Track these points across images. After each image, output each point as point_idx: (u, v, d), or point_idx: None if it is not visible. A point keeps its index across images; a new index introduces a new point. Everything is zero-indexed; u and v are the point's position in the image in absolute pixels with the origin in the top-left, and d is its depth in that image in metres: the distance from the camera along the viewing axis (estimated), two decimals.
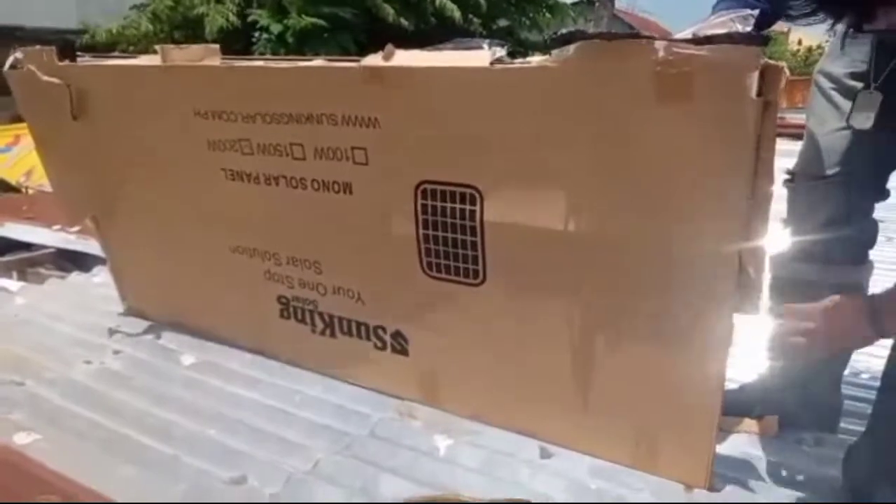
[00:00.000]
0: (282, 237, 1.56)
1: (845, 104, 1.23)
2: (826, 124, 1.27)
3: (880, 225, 1.33)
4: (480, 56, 1.17)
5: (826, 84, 1.28)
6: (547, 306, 1.26)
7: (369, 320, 1.51)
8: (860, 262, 1.33)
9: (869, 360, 1.55)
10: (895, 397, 1.07)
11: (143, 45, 8.06)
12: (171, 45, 1.55)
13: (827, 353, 1.12)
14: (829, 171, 1.25)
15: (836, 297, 1.04)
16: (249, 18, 7.89)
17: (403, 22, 7.78)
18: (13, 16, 9.20)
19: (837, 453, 1.19)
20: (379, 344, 1.52)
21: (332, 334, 1.58)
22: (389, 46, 1.24)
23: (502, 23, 9.55)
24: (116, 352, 1.79)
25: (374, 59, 1.24)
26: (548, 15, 9.77)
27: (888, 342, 1.06)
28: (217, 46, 1.57)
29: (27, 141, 6.44)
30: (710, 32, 1.02)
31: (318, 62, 1.38)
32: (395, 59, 1.23)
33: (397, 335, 1.49)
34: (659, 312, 1.16)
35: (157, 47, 1.53)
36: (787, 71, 0.95)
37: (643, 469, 1.25)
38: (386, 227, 1.37)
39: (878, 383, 1.11)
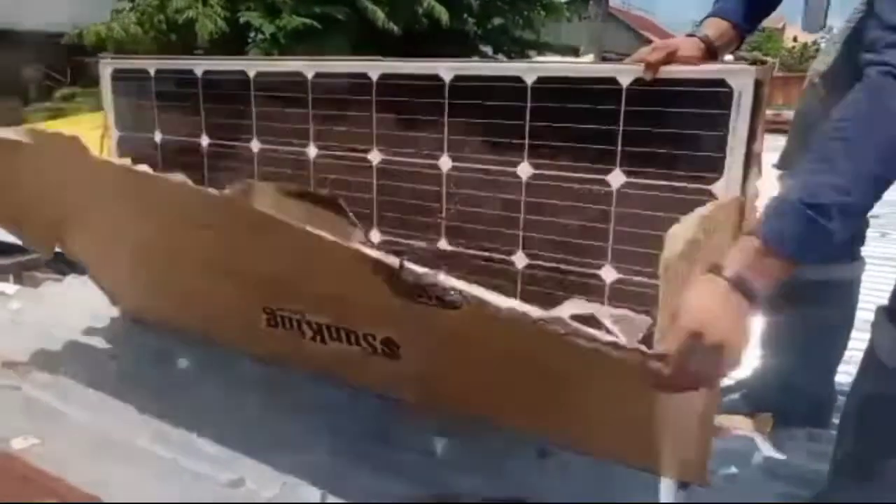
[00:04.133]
0: (257, 263, 1.54)
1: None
2: (806, 122, 1.27)
3: (875, 221, 1.35)
4: None
5: (813, 81, 1.30)
6: None
7: (357, 328, 1.51)
8: (852, 258, 1.34)
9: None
10: (862, 412, 1.08)
11: (130, 46, 8.02)
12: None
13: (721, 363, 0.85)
14: None
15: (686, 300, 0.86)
16: (242, 20, 7.88)
17: (393, 26, 7.76)
18: (6, 18, 9.17)
19: (829, 448, 1.20)
20: (369, 349, 1.52)
21: (322, 340, 1.58)
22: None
23: (496, 21, 9.54)
24: (113, 356, 1.79)
25: None
26: (542, 13, 9.76)
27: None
28: None
29: None
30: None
31: None
32: None
33: (387, 341, 1.48)
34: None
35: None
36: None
37: (639, 467, 1.25)
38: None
39: None
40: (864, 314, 1.43)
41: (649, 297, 1.23)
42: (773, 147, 1.08)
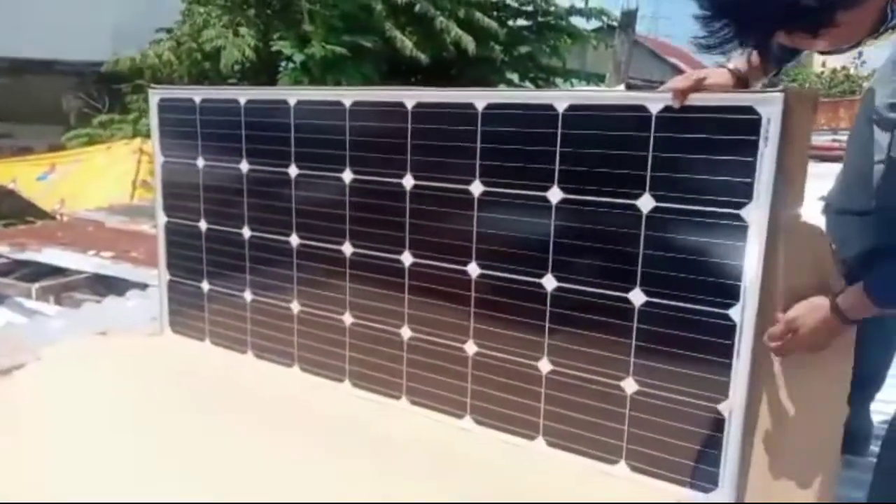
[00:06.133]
0: None
1: (883, 137, 1.22)
2: (864, 157, 1.26)
3: None
4: None
5: (868, 114, 1.26)
6: None
7: None
8: None
9: None
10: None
11: (164, 73, 8.25)
12: None
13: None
14: (865, 207, 1.24)
15: (801, 314, 1.13)
16: (273, 48, 8.06)
17: (421, 55, 7.89)
18: (52, 50, 9.56)
19: (866, 476, 1.18)
20: None
21: None
22: None
23: (523, 49, 9.65)
24: None
25: None
26: (568, 41, 9.84)
27: None
28: None
29: (63, 169, 6.69)
30: None
31: None
32: None
33: None
34: None
35: None
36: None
37: None
38: None
39: None
40: None
41: (678, 321, 1.24)
42: (812, 174, 1.10)
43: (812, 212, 1.37)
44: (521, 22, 9.72)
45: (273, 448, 1.44)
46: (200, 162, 1.87)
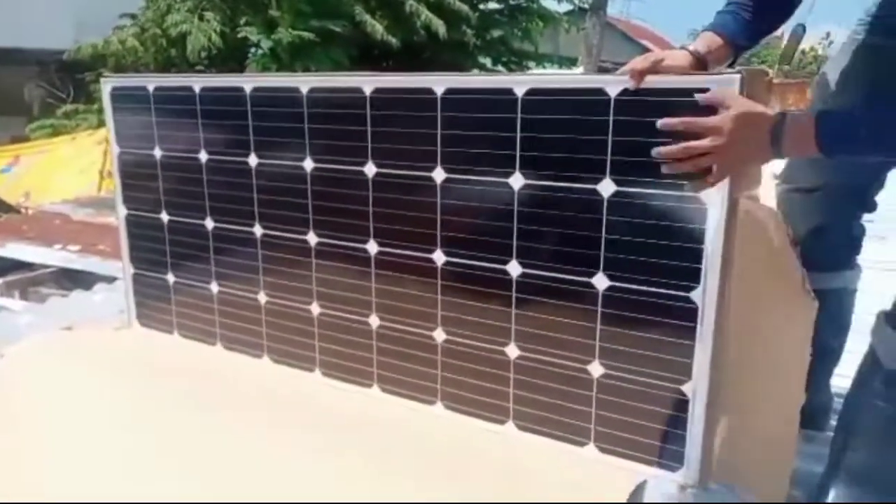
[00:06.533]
0: None
1: None
2: None
3: (871, 226, 1.36)
4: None
5: (818, 93, 1.29)
6: None
7: None
8: (848, 267, 1.35)
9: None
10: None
11: (130, 61, 8.06)
12: None
13: (724, 168, 1.07)
14: (814, 184, 1.27)
15: (742, 111, 1.03)
16: (240, 34, 7.92)
17: (392, 39, 7.81)
18: (12, 38, 9.28)
19: (824, 450, 1.21)
20: None
21: None
22: None
23: (495, 33, 9.61)
24: None
25: None
26: (540, 24, 9.82)
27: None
28: None
29: (27, 161, 6.54)
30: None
31: None
32: None
33: None
34: None
35: None
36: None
37: None
38: None
39: None
40: (866, 318, 1.45)
41: (641, 304, 1.25)
42: None
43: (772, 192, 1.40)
44: (493, 5, 9.68)
45: (260, 444, 1.42)
46: (158, 152, 1.83)
